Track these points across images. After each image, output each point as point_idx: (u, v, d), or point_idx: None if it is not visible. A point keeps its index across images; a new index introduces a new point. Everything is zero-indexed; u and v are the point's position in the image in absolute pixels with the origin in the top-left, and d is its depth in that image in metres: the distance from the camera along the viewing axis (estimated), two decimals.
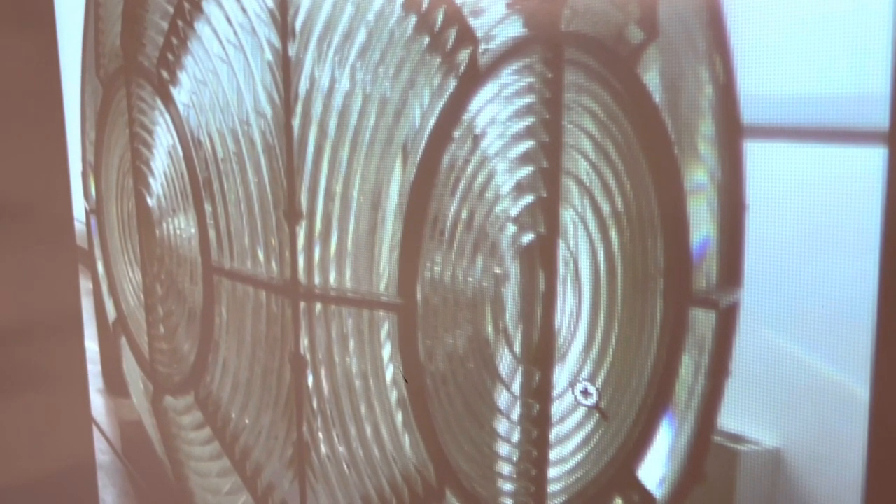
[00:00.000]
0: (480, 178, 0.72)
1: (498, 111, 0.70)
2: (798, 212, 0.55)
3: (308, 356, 0.91)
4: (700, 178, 0.59)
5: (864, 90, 0.52)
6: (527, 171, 0.69)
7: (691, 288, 0.61)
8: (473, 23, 0.70)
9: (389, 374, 0.83)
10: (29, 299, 1.31)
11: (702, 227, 0.60)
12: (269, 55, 0.88)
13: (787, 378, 0.58)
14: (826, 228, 0.54)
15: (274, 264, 0.93)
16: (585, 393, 0.68)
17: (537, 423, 0.72)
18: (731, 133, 0.57)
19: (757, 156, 0.57)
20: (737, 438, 0.61)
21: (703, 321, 0.61)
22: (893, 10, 0.50)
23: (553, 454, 0.71)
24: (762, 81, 0.56)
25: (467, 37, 0.71)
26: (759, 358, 0.59)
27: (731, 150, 0.57)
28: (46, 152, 1.29)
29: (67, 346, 1.35)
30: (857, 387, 0.55)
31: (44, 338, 1.33)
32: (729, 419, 0.61)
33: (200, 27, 0.97)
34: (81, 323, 1.34)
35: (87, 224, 1.29)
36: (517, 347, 0.73)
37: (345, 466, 0.90)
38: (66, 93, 1.28)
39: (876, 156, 0.52)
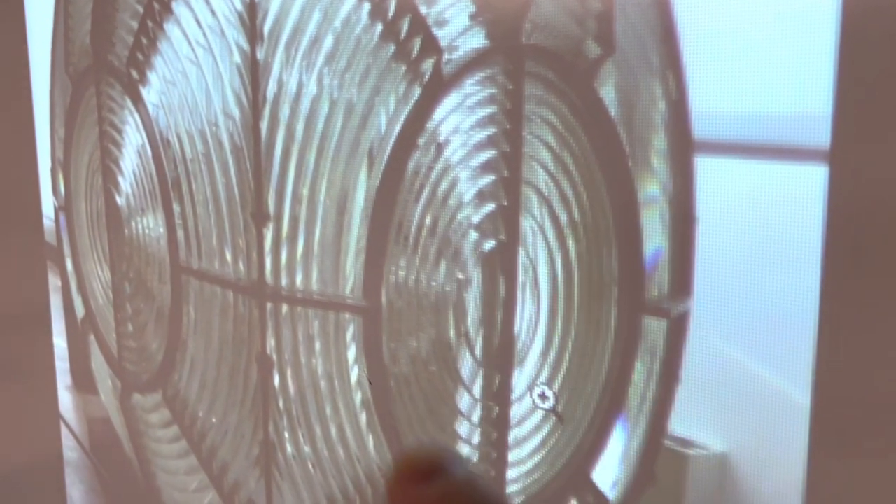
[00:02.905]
0: (444, 185, 0.74)
1: (461, 120, 0.71)
2: (745, 225, 0.58)
3: (275, 357, 0.92)
4: (653, 190, 0.61)
5: (807, 110, 0.54)
6: (488, 179, 0.70)
7: (644, 297, 0.63)
8: (438, 33, 0.72)
9: (354, 375, 0.85)
10: None
11: (654, 238, 0.62)
12: (237, 58, 0.89)
13: (733, 385, 0.60)
14: (771, 241, 0.56)
15: (241, 265, 0.94)
16: (543, 396, 0.70)
17: (497, 426, 0.74)
18: (683, 148, 0.59)
19: (707, 170, 0.59)
20: (686, 443, 0.63)
21: (654, 329, 0.63)
22: (835, 36, 0.52)
23: (511, 456, 0.73)
24: (713, 99, 0.58)
25: (431, 46, 0.72)
26: (708, 365, 0.61)
27: (682, 165, 0.59)
28: (15, 148, 1.28)
29: (36, 342, 1.34)
30: (799, 393, 0.57)
31: (12, 334, 1.32)
32: (679, 424, 0.63)
33: (170, 28, 0.97)
34: (50, 319, 1.34)
35: (56, 221, 1.28)
36: (478, 351, 0.74)
37: (310, 466, 0.92)
38: (36, 89, 1.27)
39: (818, 173, 0.54)
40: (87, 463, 1.32)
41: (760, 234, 0.57)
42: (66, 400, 1.36)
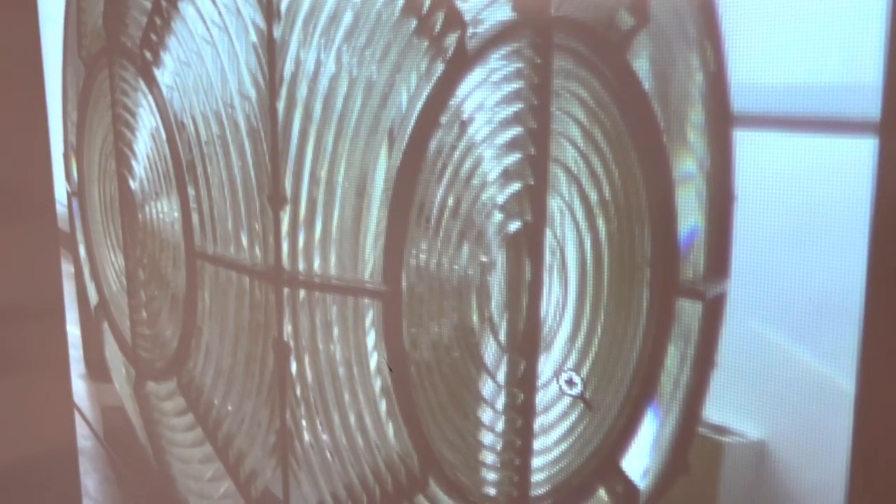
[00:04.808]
0: (467, 164, 0.71)
1: (486, 97, 0.69)
2: (787, 203, 0.55)
3: (292, 343, 0.90)
4: (689, 167, 0.59)
5: (855, 80, 0.51)
6: (514, 158, 0.68)
7: (678, 278, 0.60)
8: (461, 6, 0.69)
9: (374, 362, 0.83)
10: (9, 283, 1.29)
11: (690, 216, 0.59)
12: (253, 37, 0.87)
13: (772, 370, 0.57)
14: (815, 220, 0.54)
15: (258, 250, 0.92)
16: (570, 383, 0.68)
17: (522, 413, 0.71)
18: (721, 122, 0.56)
19: (747, 145, 0.56)
20: (721, 430, 0.60)
21: (689, 312, 0.60)
22: (887, 0, 0.49)
23: (537, 444, 0.71)
24: (753, 70, 0.55)
25: (455, 20, 0.69)
26: (746, 349, 0.58)
27: (720, 139, 0.57)
28: (27, 133, 1.27)
29: (49, 330, 1.33)
30: (843, 379, 0.54)
31: (25, 322, 1.31)
32: (714, 411, 0.60)
33: (184, 7, 0.95)
34: (63, 307, 1.33)
35: (69, 207, 1.27)
36: (502, 336, 0.72)
37: (328, 454, 0.90)
38: (48, 73, 1.25)
39: (866, 146, 0.51)
40: (101, 452, 1.31)
41: (803, 212, 0.54)
42: (79, 388, 1.35)
